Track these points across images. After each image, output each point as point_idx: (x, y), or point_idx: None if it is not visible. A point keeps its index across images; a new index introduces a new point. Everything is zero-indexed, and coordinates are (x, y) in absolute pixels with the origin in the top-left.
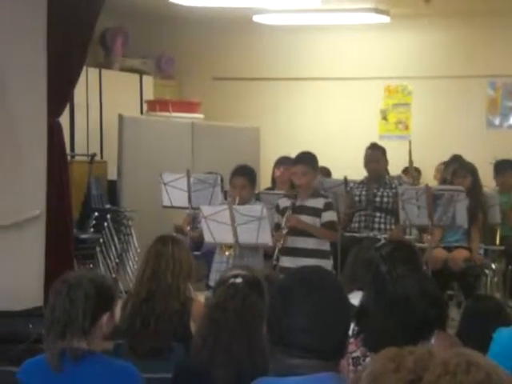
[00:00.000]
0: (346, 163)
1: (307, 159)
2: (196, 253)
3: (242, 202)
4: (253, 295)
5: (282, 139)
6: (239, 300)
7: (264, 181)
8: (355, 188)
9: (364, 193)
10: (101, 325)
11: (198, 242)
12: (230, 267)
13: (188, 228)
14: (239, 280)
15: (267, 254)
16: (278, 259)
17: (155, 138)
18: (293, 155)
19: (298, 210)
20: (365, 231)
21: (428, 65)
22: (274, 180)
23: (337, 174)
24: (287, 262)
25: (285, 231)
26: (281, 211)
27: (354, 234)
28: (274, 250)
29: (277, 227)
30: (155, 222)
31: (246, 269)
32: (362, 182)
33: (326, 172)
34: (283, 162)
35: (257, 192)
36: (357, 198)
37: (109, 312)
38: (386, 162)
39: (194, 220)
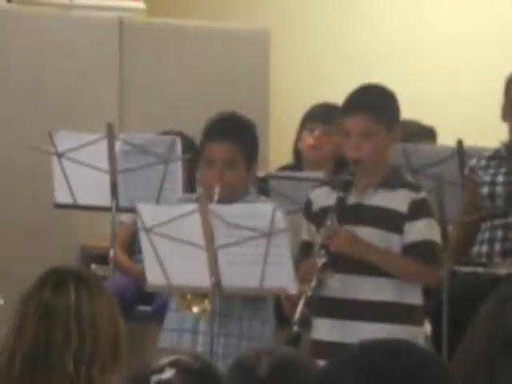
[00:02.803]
0: (457, 115)
1: (373, 104)
2: (143, 308)
3: (229, 197)
4: None
5: (317, 59)
6: None
7: (277, 150)
8: (481, 168)
9: (502, 178)
10: None
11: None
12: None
13: (121, 256)
14: (169, 375)
15: (282, 313)
16: (304, 323)
17: (39, 50)
18: (338, 100)
19: (353, 214)
20: (505, 265)
21: None
22: (297, 151)
23: (441, 137)
24: (328, 329)
25: (322, 261)
26: (315, 216)
27: (480, 271)
28: (296, 302)
29: (304, 252)
30: (37, 240)
31: (187, 355)
32: (495, 156)
33: (417, 132)
34: (319, 116)
35: (262, 175)
36: (486, 190)
37: None
38: None
39: (136, 237)
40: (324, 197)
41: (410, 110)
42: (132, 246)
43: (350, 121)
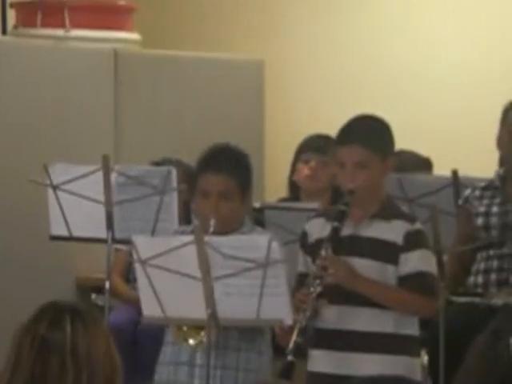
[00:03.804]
0: (455, 144)
1: (367, 135)
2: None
3: (225, 228)
4: None
5: (315, 86)
6: None
7: (272, 181)
8: (475, 198)
9: (496, 208)
10: None
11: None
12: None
13: (120, 284)
14: None
15: (278, 343)
16: (299, 353)
17: (35, 82)
18: (336, 129)
19: (348, 245)
20: (501, 295)
21: None
22: (293, 184)
23: (437, 167)
24: (324, 360)
25: (317, 291)
26: (311, 248)
27: (477, 301)
28: (289, 331)
29: (300, 283)
30: (33, 271)
31: None
32: (489, 186)
33: (413, 163)
34: (313, 146)
35: (257, 205)
36: (480, 221)
37: None
38: None
39: (132, 265)
40: (319, 228)
41: (405, 141)
42: (128, 274)
43: (345, 151)
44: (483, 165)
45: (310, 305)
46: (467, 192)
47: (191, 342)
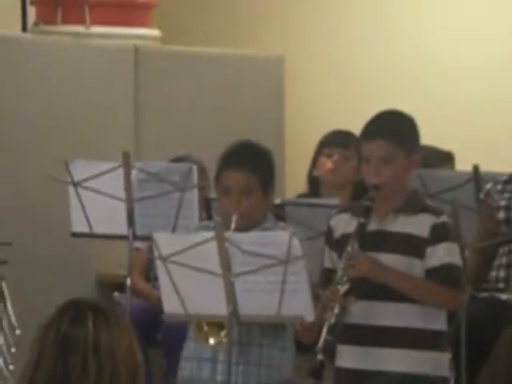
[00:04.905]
0: (477, 138)
1: (392, 130)
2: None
3: (247, 224)
4: None
5: (335, 82)
6: None
7: (293, 177)
8: (497, 192)
9: None
10: None
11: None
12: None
13: (140, 282)
14: None
15: (300, 341)
16: (327, 351)
17: (55, 79)
18: (356, 125)
19: (374, 240)
20: None
21: None
22: (313, 179)
23: (460, 162)
24: (352, 356)
25: (345, 288)
26: (336, 243)
27: (498, 296)
28: (319, 330)
29: (326, 279)
30: (54, 269)
31: None
32: (511, 180)
33: (435, 157)
34: (336, 141)
35: (278, 202)
36: (502, 215)
37: None
38: None
39: (152, 264)
40: (344, 224)
41: (426, 135)
42: (148, 272)
43: (370, 146)
44: (506, 160)
45: (337, 302)
46: (488, 186)
47: (211, 341)
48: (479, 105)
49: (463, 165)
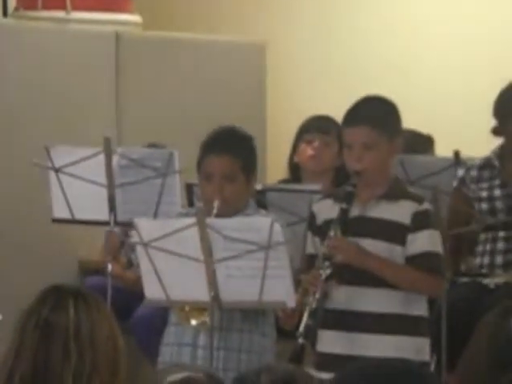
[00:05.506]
0: (457, 122)
1: (374, 115)
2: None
3: (229, 211)
4: None
5: (317, 68)
6: None
7: (274, 163)
8: (473, 180)
9: (499, 191)
10: None
11: (136, 293)
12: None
13: (109, 263)
14: None
15: (281, 327)
16: (308, 336)
17: (36, 64)
18: (338, 112)
19: (356, 226)
20: (507, 276)
21: None
22: (294, 165)
23: (440, 147)
24: (334, 341)
25: (327, 273)
26: (319, 229)
27: (481, 281)
28: (299, 316)
29: (309, 264)
30: (35, 254)
31: (199, 372)
32: (486, 165)
33: (415, 141)
34: (316, 127)
35: (259, 188)
36: (485, 206)
37: None
38: None
39: (124, 247)
40: (327, 209)
41: (408, 121)
42: (125, 253)
43: (352, 132)
44: (485, 146)
45: (319, 287)
46: (461, 173)
47: (194, 322)
48: (458, 91)
49: (444, 151)
